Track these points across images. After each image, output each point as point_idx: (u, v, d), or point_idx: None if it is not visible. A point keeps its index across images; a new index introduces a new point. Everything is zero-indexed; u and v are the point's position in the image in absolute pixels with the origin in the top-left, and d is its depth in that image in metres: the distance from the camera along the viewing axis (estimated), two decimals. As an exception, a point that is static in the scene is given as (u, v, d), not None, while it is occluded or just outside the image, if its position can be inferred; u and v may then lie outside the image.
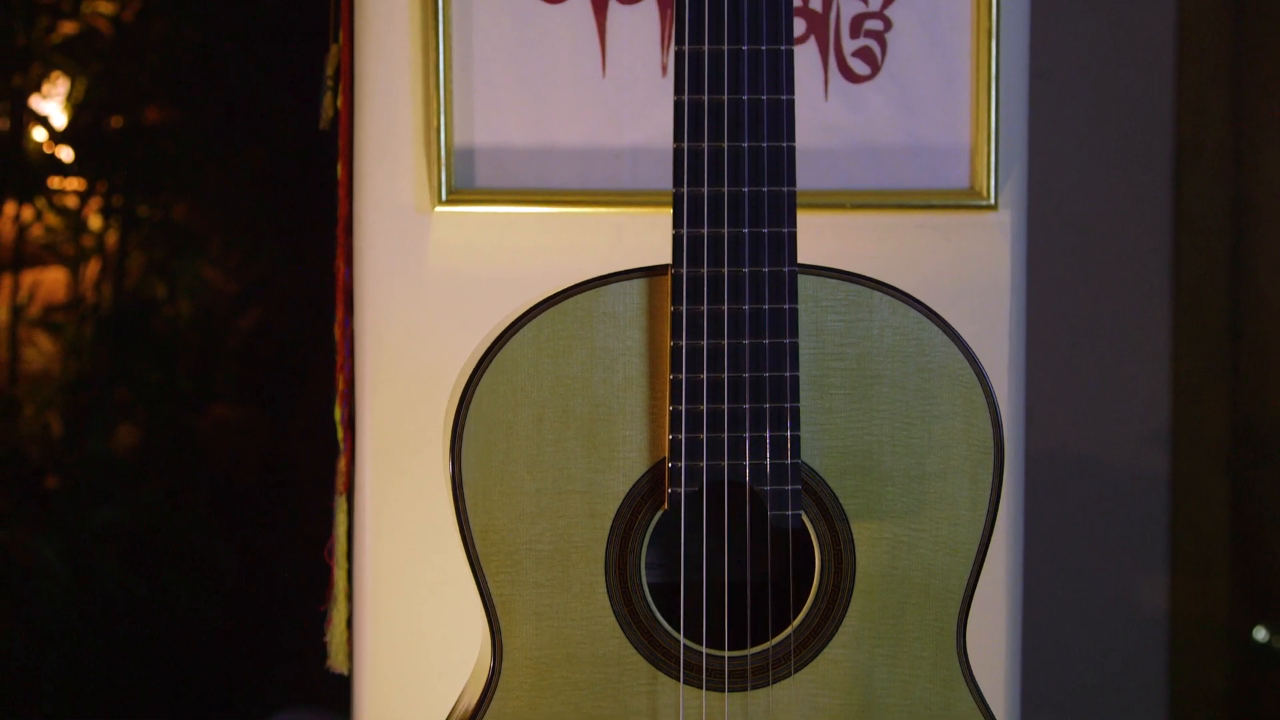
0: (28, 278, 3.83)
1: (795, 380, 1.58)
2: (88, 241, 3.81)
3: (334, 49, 2.06)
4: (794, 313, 1.58)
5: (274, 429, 3.87)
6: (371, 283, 2.01)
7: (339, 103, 2.05)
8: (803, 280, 1.60)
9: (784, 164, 1.58)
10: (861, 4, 2.04)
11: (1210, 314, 3.00)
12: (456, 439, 1.58)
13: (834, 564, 1.63)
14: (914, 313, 1.62)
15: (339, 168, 2.06)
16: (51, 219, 3.78)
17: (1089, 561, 3.06)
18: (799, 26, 2.04)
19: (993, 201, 2.04)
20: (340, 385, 2.05)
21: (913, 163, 2.04)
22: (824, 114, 2.04)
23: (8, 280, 3.81)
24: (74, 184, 3.79)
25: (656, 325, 1.59)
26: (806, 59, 2.03)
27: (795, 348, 1.58)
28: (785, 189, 1.58)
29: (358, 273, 2.01)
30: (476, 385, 1.58)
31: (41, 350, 3.86)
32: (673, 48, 1.67)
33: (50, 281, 3.86)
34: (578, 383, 1.59)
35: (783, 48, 1.57)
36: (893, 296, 1.62)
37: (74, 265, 3.82)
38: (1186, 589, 3.07)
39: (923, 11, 2.03)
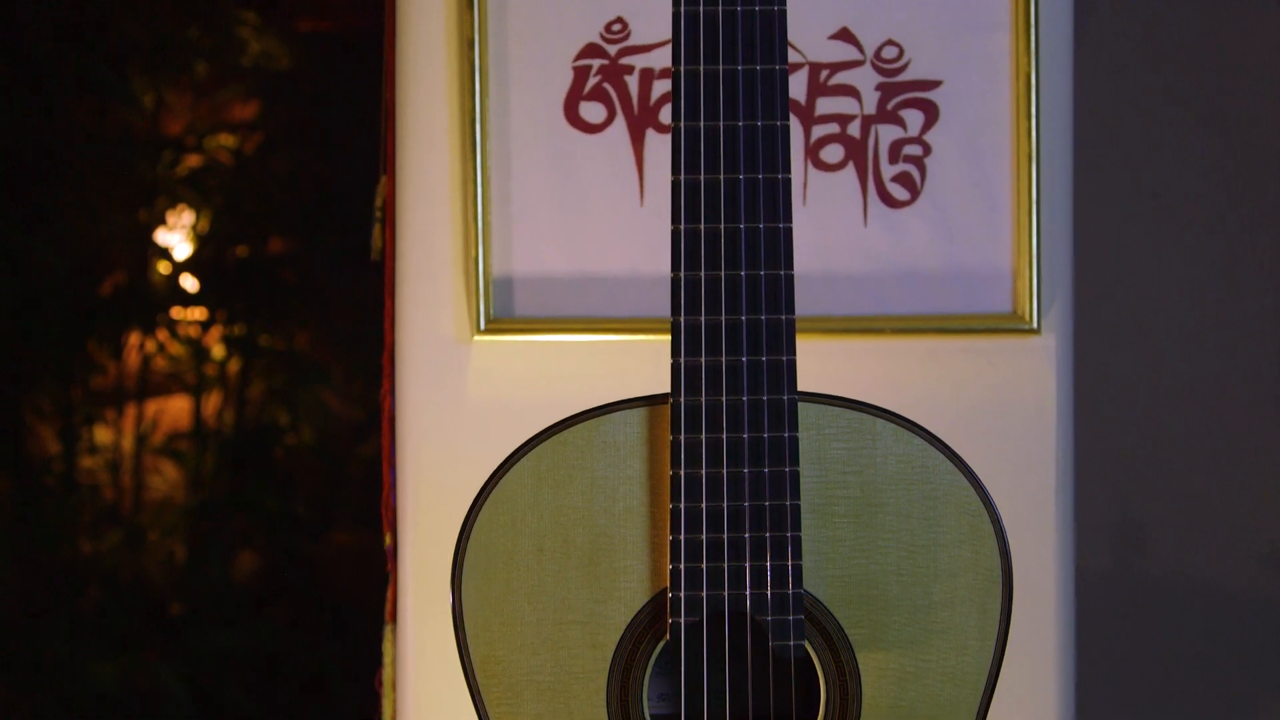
0: (152, 406, 3.91)
1: (796, 509, 1.57)
2: (210, 370, 3.88)
3: (383, 181, 2.10)
4: (794, 441, 1.57)
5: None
6: (412, 412, 2.03)
7: (386, 234, 2.08)
8: (805, 408, 1.59)
9: (782, 292, 1.58)
10: (900, 130, 2.03)
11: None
12: (457, 569, 1.59)
13: (839, 695, 1.60)
14: (918, 439, 1.61)
15: (385, 298, 2.08)
16: (175, 348, 3.86)
17: (1183, 687, 2.99)
18: (837, 153, 2.04)
19: (1035, 325, 2.02)
20: (385, 514, 2.06)
21: (954, 287, 2.03)
22: (864, 239, 2.03)
23: (132, 409, 3.89)
24: (197, 314, 3.87)
25: (657, 454, 1.59)
26: (845, 185, 2.03)
27: (796, 476, 1.57)
28: (784, 317, 1.57)
29: (399, 402, 2.03)
30: (476, 516, 1.59)
31: (165, 478, 3.93)
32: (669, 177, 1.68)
33: (174, 410, 3.94)
34: (578, 513, 1.59)
35: (779, 176, 1.57)
36: (896, 423, 1.61)
37: (197, 393, 3.89)
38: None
39: (962, 136, 2.03)
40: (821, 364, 2.03)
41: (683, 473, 1.57)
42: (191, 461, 3.88)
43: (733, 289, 1.57)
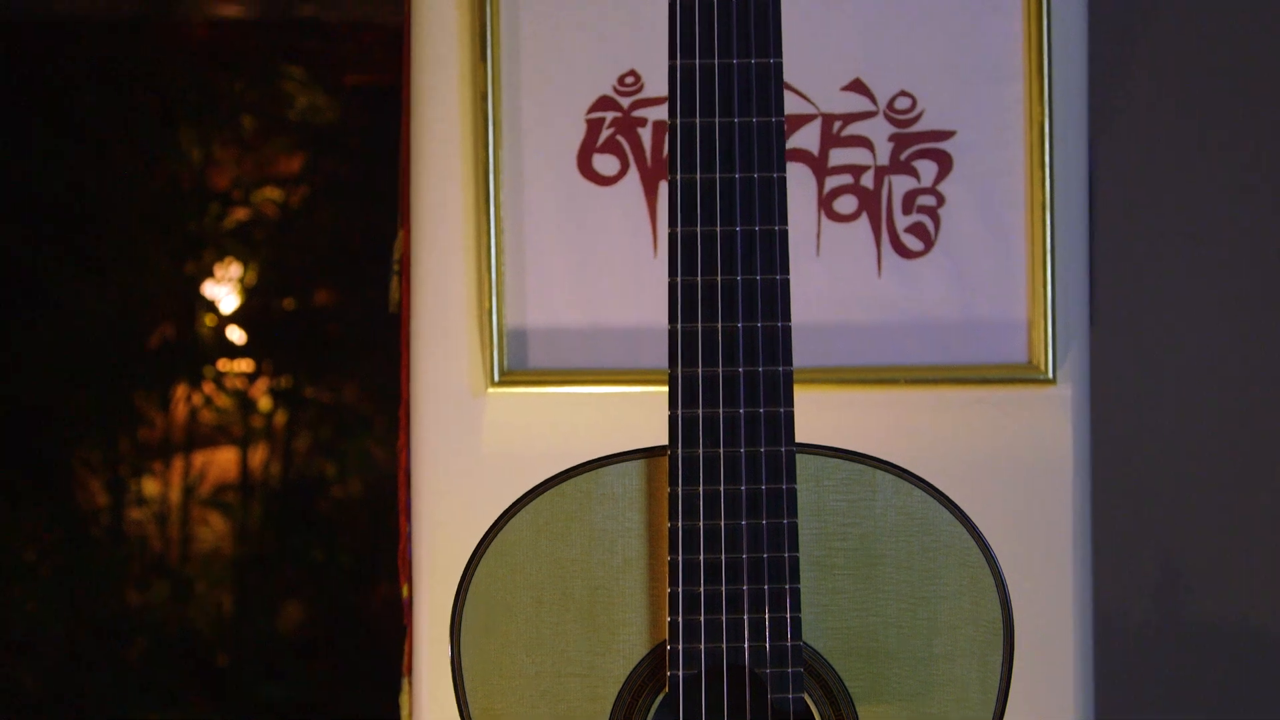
0: (199, 458, 3.93)
1: (795, 561, 1.57)
2: (257, 422, 3.90)
3: (400, 235, 2.11)
4: (792, 493, 1.57)
5: (437, 607, 3.90)
6: (428, 465, 2.03)
7: (403, 287, 2.09)
8: (804, 460, 1.59)
9: (780, 343, 1.57)
10: (914, 180, 2.03)
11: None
12: (455, 622, 1.59)
13: (839, 748, 1.60)
14: (918, 491, 1.60)
15: (401, 351, 2.09)
16: (222, 400, 3.89)
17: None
18: (850, 204, 2.04)
19: (1051, 375, 2.01)
20: (402, 566, 2.07)
21: (969, 337, 2.02)
22: (878, 290, 2.03)
23: (179, 461, 3.91)
24: (243, 366, 3.90)
25: (656, 506, 1.59)
26: (859, 236, 2.03)
27: (795, 528, 1.57)
28: (781, 368, 1.57)
29: (415, 455, 2.04)
30: (475, 568, 1.59)
31: (213, 529, 3.95)
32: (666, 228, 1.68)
33: (221, 461, 3.96)
34: (577, 564, 1.59)
35: (776, 228, 1.57)
36: (896, 475, 1.60)
37: (243, 445, 3.91)
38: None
39: (976, 186, 2.02)
40: (836, 414, 2.02)
41: (680, 525, 1.56)
42: (238, 513, 3.90)
43: (730, 341, 1.57)
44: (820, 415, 2.03)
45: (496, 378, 2.02)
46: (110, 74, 3.87)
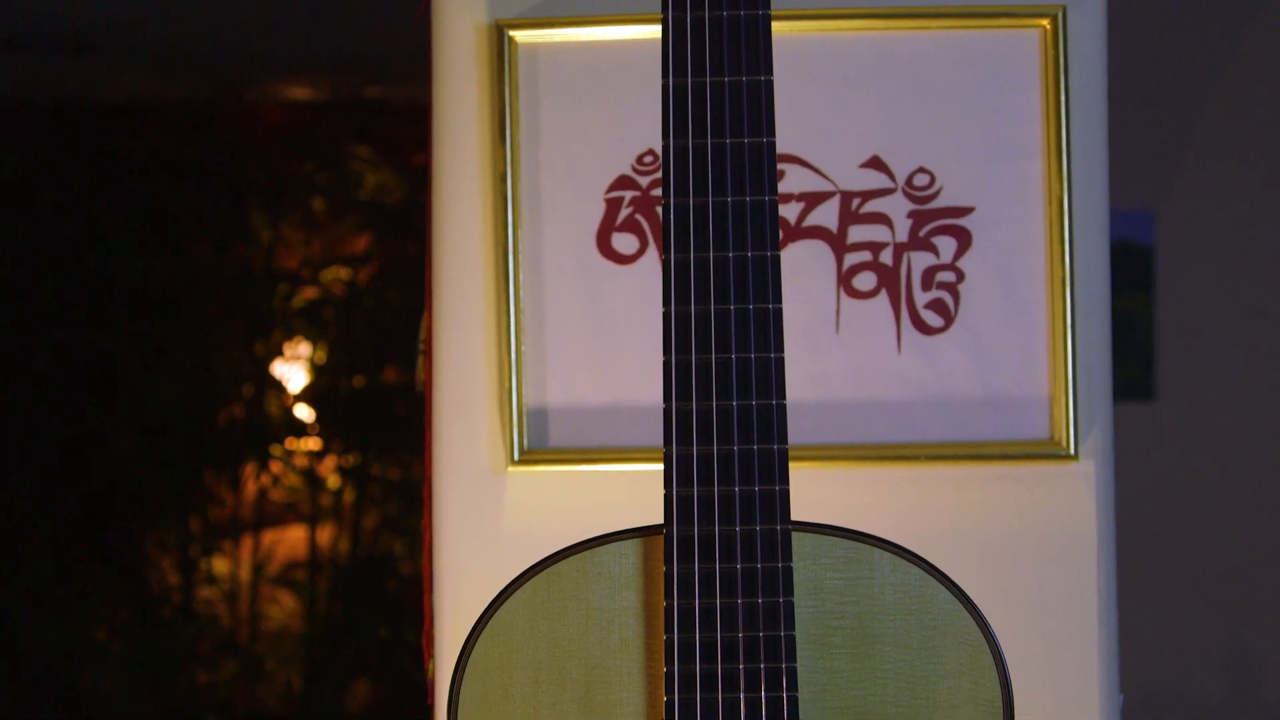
0: (268, 536, 3.97)
1: (792, 640, 1.56)
2: (325, 500, 3.94)
3: (426, 315, 2.12)
4: (789, 571, 1.56)
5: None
6: (449, 543, 2.04)
7: (426, 366, 2.11)
8: (801, 538, 1.59)
9: (774, 421, 1.57)
10: (933, 256, 2.03)
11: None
12: (453, 703, 1.59)
13: (838, 829, 1.59)
14: (916, 570, 1.59)
15: (425, 430, 2.10)
16: (291, 479, 3.92)
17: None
18: (870, 281, 2.04)
19: (1073, 451, 1.99)
20: (426, 645, 2.07)
21: (990, 413, 2.01)
22: (898, 366, 2.02)
23: (249, 540, 3.95)
24: (312, 444, 3.94)
25: (652, 585, 1.59)
26: (879, 313, 2.03)
27: (791, 607, 1.56)
28: (776, 447, 1.57)
29: (436, 533, 2.05)
30: (472, 648, 1.60)
31: (282, 607, 3.98)
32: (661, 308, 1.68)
33: (290, 539, 4.00)
34: (574, 644, 1.59)
35: (770, 306, 1.57)
36: (894, 553, 1.59)
37: (312, 523, 3.94)
38: None
39: (995, 262, 2.02)
40: (856, 491, 2.02)
41: (676, 604, 1.56)
42: (307, 591, 3.93)
43: (725, 419, 1.57)
44: (840, 492, 2.03)
45: (517, 456, 2.03)
46: (183, 159, 3.93)
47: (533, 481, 2.04)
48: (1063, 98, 2.01)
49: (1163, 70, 3.24)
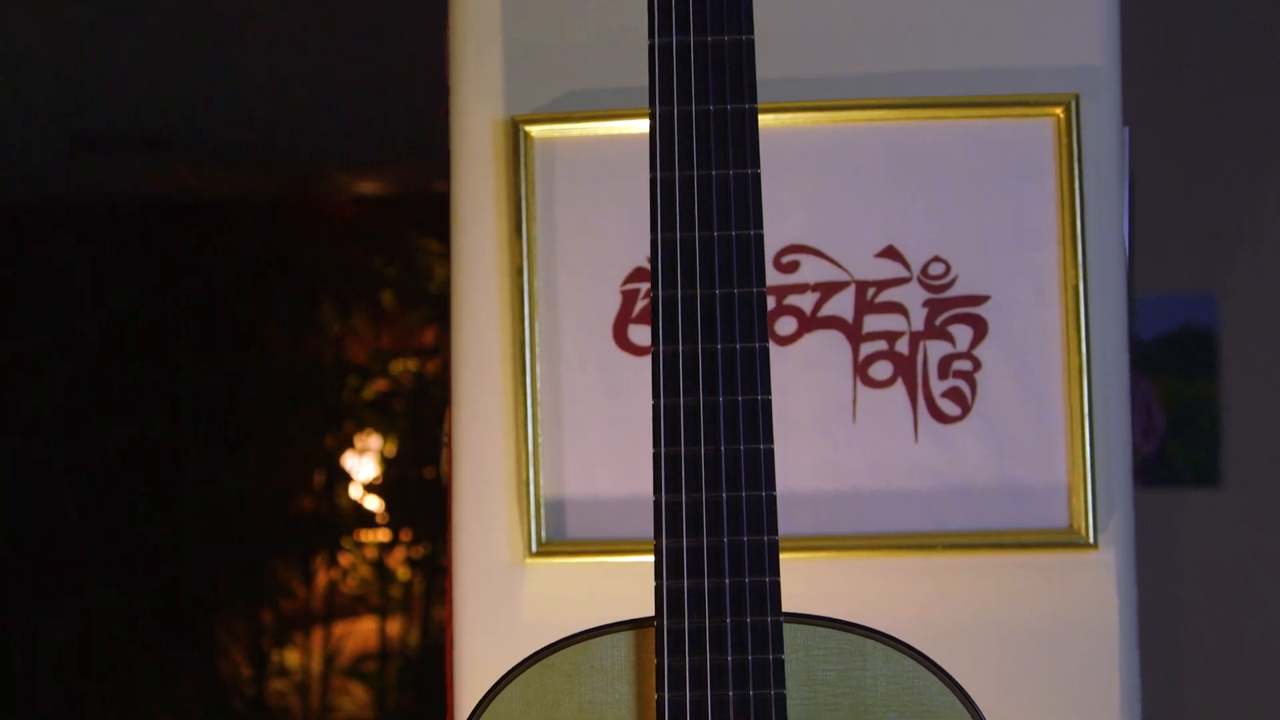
0: (339, 628, 3.99)
1: (783, 732, 1.56)
2: (395, 591, 3.96)
3: (448, 407, 2.14)
4: (780, 663, 1.56)
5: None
6: (469, 635, 2.05)
7: (446, 459, 2.12)
8: (793, 629, 1.58)
9: (764, 513, 1.57)
10: (949, 345, 2.02)
11: None
12: (446, 794, 1.60)
13: None
14: (909, 660, 1.58)
15: (446, 522, 2.12)
16: (362, 570, 3.95)
17: None
18: (886, 370, 2.03)
19: (1093, 540, 1.97)
20: (449, 739, 2.08)
21: (1008, 502, 2.00)
22: (914, 455, 2.02)
23: (319, 631, 3.97)
24: (381, 535, 3.96)
25: (644, 678, 1.59)
26: (895, 402, 2.02)
27: (783, 699, 1.56)
28: (766, 538, 1.57)
29: (456, 625, 2.05)
30: (465, 741, 1.60)
31: (354, 698, 4.00)
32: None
33: (361, 631, 4.01)
34: (567, 737, 1.59)
35: (759, 398, 1.57)
36: (886, 644, 1.58)
37: (382, 615, 3.96)
38: None
39: (1012, 350, 2.01)
40: (872, 581, 2.01)
41: (667, 696, 1.56)
42: (377, 682, 3.95)
43: (714, 511, 1.57)
44: (858, 583, 2.02)
45: (534, 548, 2.04)
46: (254, 256, 3.98)
47: (551, 573, 2.05)
48: (1077, 185, 2.00)
49: (1222, 152, 3.22)
